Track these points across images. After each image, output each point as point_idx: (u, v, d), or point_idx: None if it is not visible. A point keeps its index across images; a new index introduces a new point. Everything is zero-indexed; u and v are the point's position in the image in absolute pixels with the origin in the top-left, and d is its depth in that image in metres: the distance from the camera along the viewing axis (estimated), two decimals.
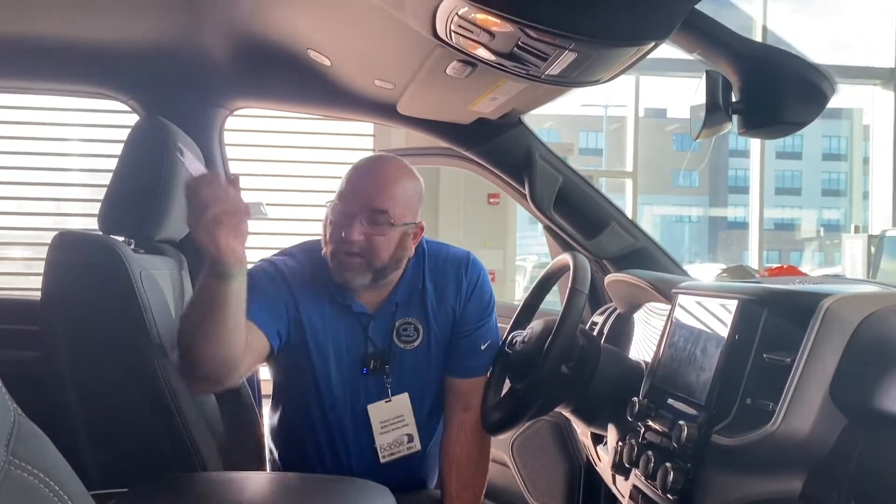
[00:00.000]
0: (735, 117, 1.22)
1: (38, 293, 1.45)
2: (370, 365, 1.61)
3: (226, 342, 1.32)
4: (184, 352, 1.34)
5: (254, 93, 1.94)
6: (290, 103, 2.03)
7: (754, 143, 8.21)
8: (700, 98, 1.24)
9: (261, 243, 3.85)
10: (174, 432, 1.39)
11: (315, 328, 1.58)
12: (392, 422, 1.62)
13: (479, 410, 1.68)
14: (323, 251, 1.59)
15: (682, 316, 1.31)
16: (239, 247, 1.26)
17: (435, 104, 1.75)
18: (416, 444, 1.64)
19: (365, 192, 1.54)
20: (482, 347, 1.68)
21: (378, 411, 1.61)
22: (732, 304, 1.13)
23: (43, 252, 1.41)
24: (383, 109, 1.87)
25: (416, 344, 1.64)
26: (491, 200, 5.58)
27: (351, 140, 4.62)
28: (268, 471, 1.70)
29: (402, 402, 1.63)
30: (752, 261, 7.93)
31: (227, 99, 1.92)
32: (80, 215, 4.70)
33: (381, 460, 1.63)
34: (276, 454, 1.71)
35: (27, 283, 4.60)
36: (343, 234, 1.51)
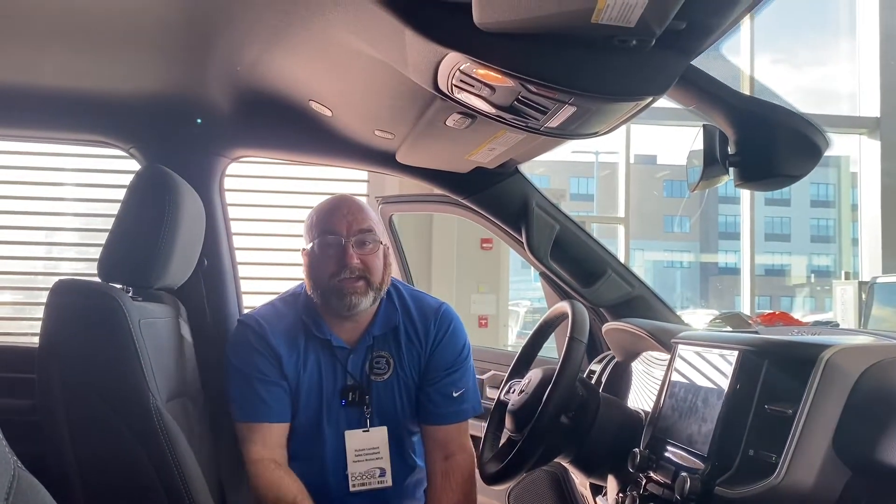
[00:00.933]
0: (732, 169, 1.24)
1: (29, 338, 1.44)
2: (349, 397, 1.70)
3: None
4: None
5: (255, 142, 1.96)
6: (291, 152, 2.05)
7: (744, 190, 8.31)
8: (696, 150, 1.27)
9: (260, 288, 3.86)
10: (170, 482, 1.37)
11: (297, 370, 1.69)
12: (367, 452, 1.69)
13: (460, 457, 1.75)
14: (310, 292, 1.71)
15: (682, 366, 1.31)
16: None
17: (434, 154, 1.78)
18: (388, 480, 1.71)
19: (347, 220, 1.68)
20: (454, 395, 1.76)
21: (354, 439, 1.69)
22: (732, 355, 1.14)
23: (33, 297, 1.41)
24: (382, 158, 1.89)
25: (385, 376, 1.73)
26: (484, 245, 5.59)
27: (344, 186, 4.64)
28: None
29: (379, 435, 1.71)
30: (744, 306, 7.94)
31: (229, 148, 1.94)
32: (72, 260, 4.69)
33: (351, 489, 1.69)
34: None
35: (18, 327, 4.56)
36: (342, 263, 1.64)
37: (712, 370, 1.19)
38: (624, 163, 8.16)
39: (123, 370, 1.36)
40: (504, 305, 5.90)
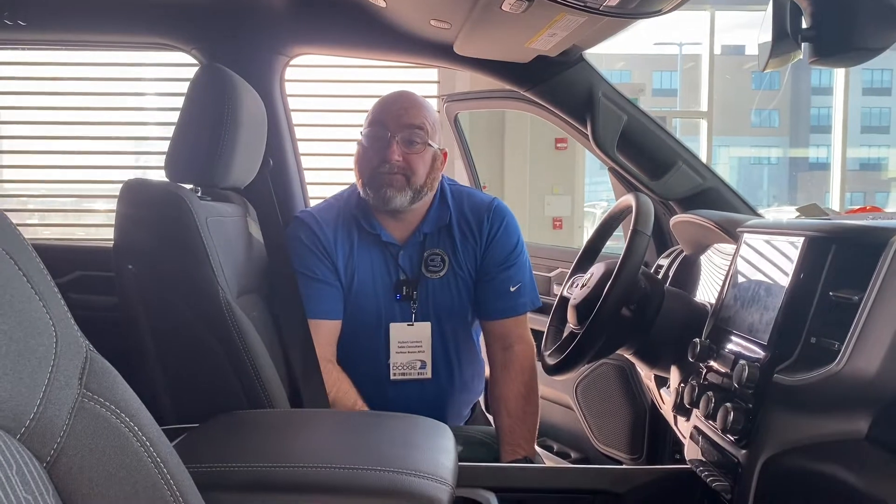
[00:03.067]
0: (805, 45, 1.15)
1: None
2: (402, 291, 1.74)
3: None
4: None
5: (311, 39, 1.94)
6: (348, 48, 2.02)
7: (838, 79, 7.78)
8: (768, 27, 1.18)
9: (325, 192, 3.91)
10: (243, 372, 1.44)
11: (350, 265, 1.73)
12: (409, 344, 1.75)
13: (519, 348, 1.78)
14: (357, 183, 1.73)
15: (747, 255, 1.27)
16: None
17: (492, 43, 1.72)
18: (427, 372, 1.76)
19: (399, 114, 1.68)
20: (511, 289, 1.77)
21: (399, 331, 1.74)
22: (799, 242, 1.09)
23: None
24: (440, 51, 1.84)
25: (441, 273, 1.76)
26: (558, 145, 5.46)
27: (415, 88, 4.58)
28: None
29: (422, 329, 1.75)
30: (834, 202, 7.59)
31: (286, 46, 1.93)
32: (160, 168, 4.83)
33: (392, 377, 1.75)
34: None
35: (111, 234, 4.77)
36: (383, 157, 1.65)
37: (777, 258, 1.15)
38: (708, 54, 7.74)
39: (193, 266, 1.41)
40: (579, 207, 5.80)
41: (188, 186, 1.56)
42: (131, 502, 0.75)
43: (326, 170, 4.28)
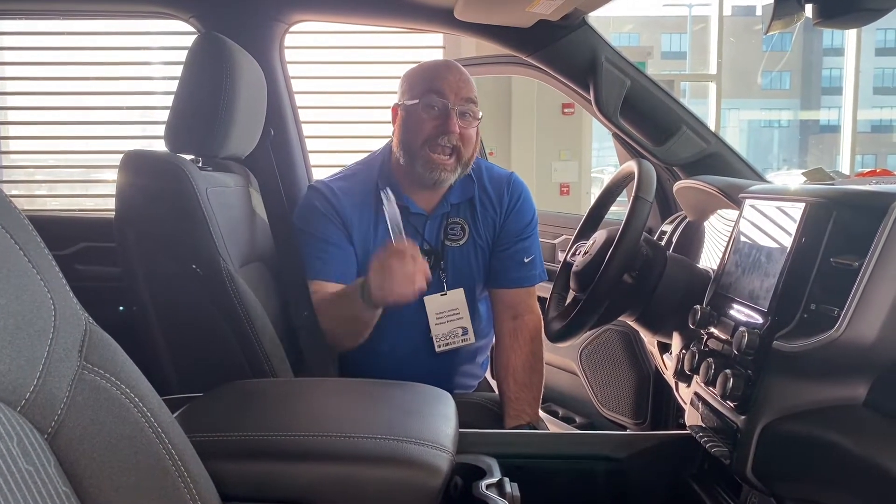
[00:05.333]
0: (809, 6, 1.13)
1: None
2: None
3: (361, 338, 1.64)
4: (328, 339, 1.64)
5: (310, 5, 1.92)
6: (347, 14, 2.00)
7: (850, 40, 7.65)
8: None
9: (326, 161, 3.88)
10: (245, 342, 1.44)
11: (367, 237, 1.70)
12: (447, 314, 1.74)
13: (528, 318, 1.80)
14: (396, 149, 1.69)
15: (749, 221, 1.26)
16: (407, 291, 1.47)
17: (492, 7, 1.69)
18: (471, 337, 1.76)
19: (459, 86, 1.64)
20: (525, 261, 1.79)
21: (434, 303, 1.73)
22: (800, 208, 1.08)
23: None
24: (441, 16, 1.82)
25: (461, 242, 1.76)
26: (565, 110, 5.40)
27: (419, 53, 4.52)
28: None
29: (457, 297, 1.75)
30: (844, 165, 7.51)
31: (285, 12, 1.91)
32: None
33: (437, 349, 1.74)
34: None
35: None
36: (443, 128, 1.61)
37: (778, 224, 1.14)
38: (717, 15, 7.60)
39: (193, 236, 1.42)
40: (587, 172, 5.75)
41: (189, 157, 1.56)
42: (133, 472, 0.76)
43: (329, 137, 4.26)
